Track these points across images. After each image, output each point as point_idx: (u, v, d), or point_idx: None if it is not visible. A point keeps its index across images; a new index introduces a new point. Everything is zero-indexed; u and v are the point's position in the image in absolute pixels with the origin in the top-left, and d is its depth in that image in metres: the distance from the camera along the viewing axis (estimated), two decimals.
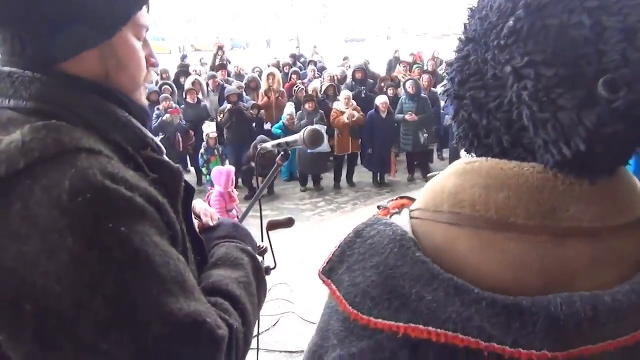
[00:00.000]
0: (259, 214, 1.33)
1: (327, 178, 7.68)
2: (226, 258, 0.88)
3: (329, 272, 0.61)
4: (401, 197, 0.67)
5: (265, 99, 7.94)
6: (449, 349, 0.51)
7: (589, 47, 0.47)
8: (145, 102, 0.86)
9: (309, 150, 6.67)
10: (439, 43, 21.33)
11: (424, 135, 7.49)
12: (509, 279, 0.52)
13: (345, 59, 12.49)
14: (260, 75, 8.93)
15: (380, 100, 7.24)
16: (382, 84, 8.24)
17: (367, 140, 7.39)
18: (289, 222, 1.35)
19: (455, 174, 0.58)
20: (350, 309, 0.56)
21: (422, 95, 7.62)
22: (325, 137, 6.84)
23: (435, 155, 8.68)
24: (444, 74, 3.92)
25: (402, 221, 0.60)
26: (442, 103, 7.84)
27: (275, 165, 1.24)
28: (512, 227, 0.52)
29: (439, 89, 7.82)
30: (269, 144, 1.31)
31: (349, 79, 8.85)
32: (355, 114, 7.16)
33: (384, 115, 7.20)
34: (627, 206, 0.54)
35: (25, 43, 0.71)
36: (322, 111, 7.29)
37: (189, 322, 0.66)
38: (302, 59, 13.52)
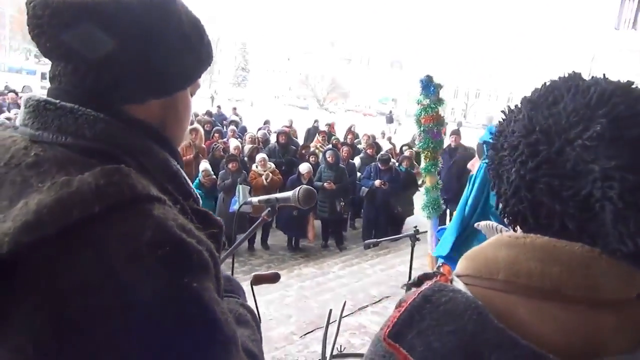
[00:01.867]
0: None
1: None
2: (237, 317, 0.87)
3: (396, 336, 0.61)
4: (446, 269, 0.72)
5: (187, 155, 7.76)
6: None
7: None
8: None
9: (230, 209, 6.64)
10: (355, 118, 22.63)
11: (341, 203, 7.75)
12: (562, 344, 0.57)
13: (266, 122, 12.78)
14: None
15: (304, 168, 7.42)
16: (304, 151, 8.51)
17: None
18: (275, 278, 1.35)
19: (506, 246, 0.64)
20: None
21: (341, 165, 7.96)
22: (249, 197, 6.84)
23: (347, 224, 8.96)
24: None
25: (462, 287, 0.63)
26: (358, 174, 8.24)
27: (260, 219, 1.27)
28: (561, 297, 0.59)
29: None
30: (255, 199, 1.34)
31: (272, 143, 9.03)
32: (271, 175, 7.26)
33: (304, 182, 7.39)
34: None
35: (99, 80, 0.70)
36: (245, 172, 7.32)
37: None
38: (221, 118, 13.62)
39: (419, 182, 8.84)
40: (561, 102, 0.61)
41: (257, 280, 1.32)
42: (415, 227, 3.04)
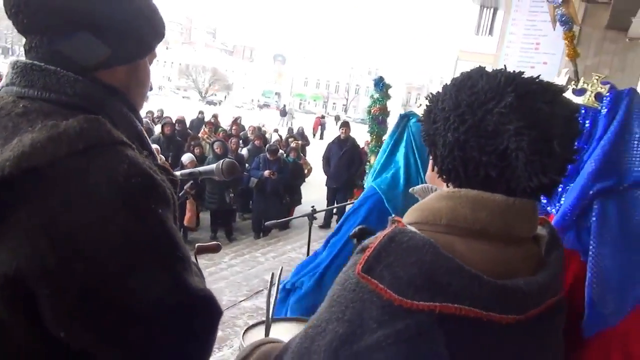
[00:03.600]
0: None
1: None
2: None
3: (368, 271, 0.74)
4: (398, 217, 0.85)
5: None
6: (465, 319, 0.70)
7: (546, 123, 0.77)
8: None
9: None
10: (238, 112, 22.51)
11: (230, 194, 7.81)
12: (489, 269, 0.74)
13: (148, 112, 12.27)
14: None
15: (187, 159, 7.32)
16: (192, 143, 8.40)
17: None
18: (216, 248, 1.43)
19: (445, 198, 0.82)
20: (396, 296, 0.70)
21: (229, 156, 8.00)
22: None
23: (237, 215, 9.02)
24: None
25: (419, 233, 0.77)
26: (247, 165, 8.36)
27: (183, 192, 1.33)
28: (486, 236, 0.78)
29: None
30: (178, 173, 1.35)
31: (156, 133, 8.75)
32: None
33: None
34: (537, 223, 0.87)
35: (74, 50, 0.83)
36: None
37: (203, 296, 0.82)
38: None
39: (305, 172, 9.24)
40: (478, 84, 0.82)
41: (200, 251, 1.39)
42: (313, 206, 3.25)
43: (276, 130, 13.43)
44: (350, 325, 0.73)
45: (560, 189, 1.16)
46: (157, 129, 9.28)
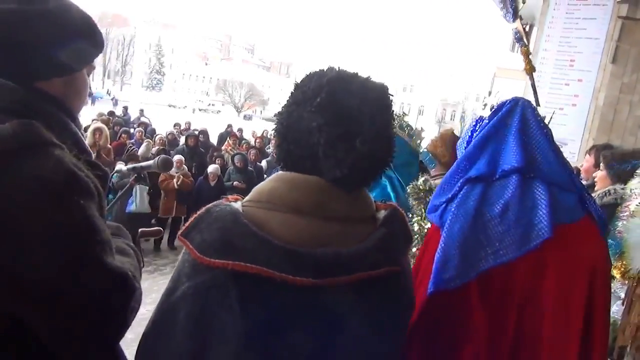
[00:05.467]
0: None
1: (149, 240, 7.47)
2: (120, 249, 1.13)
3: (185, 235, 0.89)
4: (236, 195, 0.98)
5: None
6: (258, 277, 0.81)
7: (352, 120, 0.87)
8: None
9: (127, 210, 6.56)
10: (267, 125, 22.94)
11: None
12: (294, 239, 0.85)
13: (176, 125, 12.63)
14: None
15: (212, 169, 7.55)
16: (214, 154, 8.58)
17: (193, 206, 7.50)
18: (158, 233, 1.57)
19: (272, 180, 0.94)
20: (200, 255, 0.84)
21: (249, 168, 8.13)
22: (146, 197, 6.82)
23: None
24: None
25: (236, 206, 0.90)
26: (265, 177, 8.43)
27: (129, 185, 1.46)
28: (300, 212, 0.88)
29: (263, 163, 8.45)
30: (124, 167, 1.52)
31: (181, 144, 8.99)
32: (182, 177, 7.28)
33: (212, 183, 7.47)
34: (363, 209, 0.95)
35: (14, 64, 0.96)
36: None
37: (120, 274, 0.93)
38: (127, 119, 13.28)
39: None
40: (309, 84, 0.92)
41: (143, 235, 1.52)
42: None
43: None
44: (172, 281, 0.89)
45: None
46: (182, 141, 9.51)
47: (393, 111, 0.95)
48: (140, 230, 1.50)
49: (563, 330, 1.12)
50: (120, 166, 1.62)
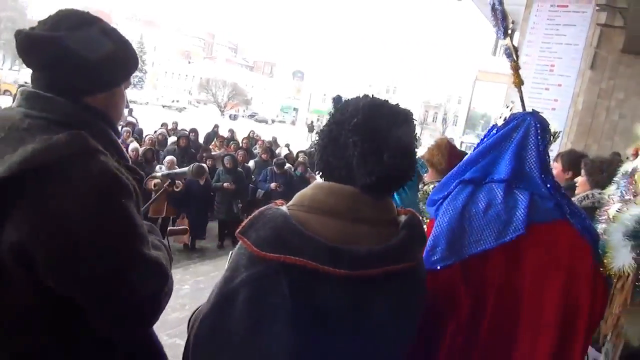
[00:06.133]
0: None
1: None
2: (153, 244, 1.25)
3: (242, 233, 1.04)
4: (280, 200, 1.13)
5: None
6: (304, 269, 0.97)
7: (382, 138, 1.04)
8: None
9: None
10: (253, 125, 23.05)
11: (238, 205, 7.98)
12: (332, 238, 1.01)
13: (163, 124, 12.61)
14: None
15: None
16: (204, 155, 8.63)
17: (183, 206, 7.55)
18: (184, 232, 1.74)
19: (313, 188, 1.11)
20: (256, 249, 0.99)
21: (239, 169, 8.20)
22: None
23: None
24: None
25: (284, 209, 1.07)
26: (253, 177, 8.53)
27: (163, 189, 1.59)
28: (335, 214, 1.04)
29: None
30: (158, 174, 1.64)
31: (169, 144, 9.00)
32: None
33: (202, 183, 7.53)
34: (387, 213, 1.11)
35: (65, 82, 1.13)
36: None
37: (156, 263, 1.12)
38: None
39: None
40: (348, 107, 1.11)
41: (171, 233, 1.66)
42: None
43: (287, 145, 13.66)
44: (231, 270, 1.05)
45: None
46: (171, 140, 9.52)
47: (416, 133, 1.12)
48: (168, 229, 1.64)
49: (536, 317, 1.31)
50: (155, 173, 1.75)
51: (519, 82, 2.05)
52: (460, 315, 1.35)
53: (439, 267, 1.35)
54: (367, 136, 1.04)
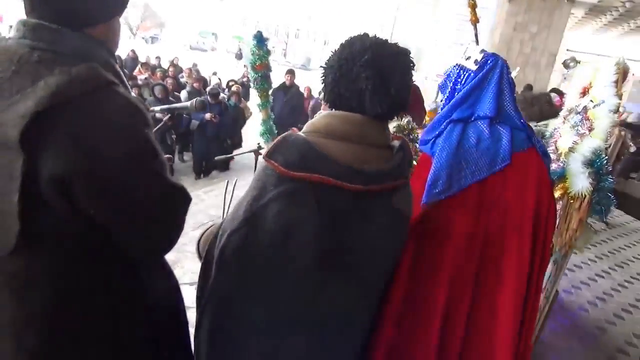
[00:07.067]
0: None
1: None
2: None
3: (268, 155, 1.17)
4: (294, 128, 1.28)
5: None
6: (327, 186, 1.13)
7: (388, 74, 1.19)
8: None
9: None
10: (178, 51, 21.85)
11: (172, 136, 7.85)
12: (347, 160, 1.16)
13: None
14: None
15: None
16: (130, 83, 8.23)
17: None
18: None
19: (326, 117, 1.24)
20: (284, 169, 1.13)
21: (170, 99, 7.97)
22: None
23: (176, 157, 9.06)
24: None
25: (303, 135, 1.20)
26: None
27: (162, 122, 1.66)
28: (348, 139, 1.20)
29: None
30: (157, 108, 1.69)
31: None
32: None
33: None
34: (387, 138, 1.31)
35: (67, 13, 1.11)
36: None
37: (179, 187, 1.20)
38: None
39: (246, 115, 9.34)
40: (354, 46, 1.22)
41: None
42: (258, 143, 3.49)
43: (215, 73, 13.25)
44: (258, 189, 1.16)
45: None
46: None
47: (414, 66, 1.29)
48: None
49: (519, 221, 1.60)
50: (154, 107, 1.71)
51: (475, 20, 2.27)
52: (458, 238, 1.56)
53: (443, 197, 1.56)
54: (377, 72, 1.18)
